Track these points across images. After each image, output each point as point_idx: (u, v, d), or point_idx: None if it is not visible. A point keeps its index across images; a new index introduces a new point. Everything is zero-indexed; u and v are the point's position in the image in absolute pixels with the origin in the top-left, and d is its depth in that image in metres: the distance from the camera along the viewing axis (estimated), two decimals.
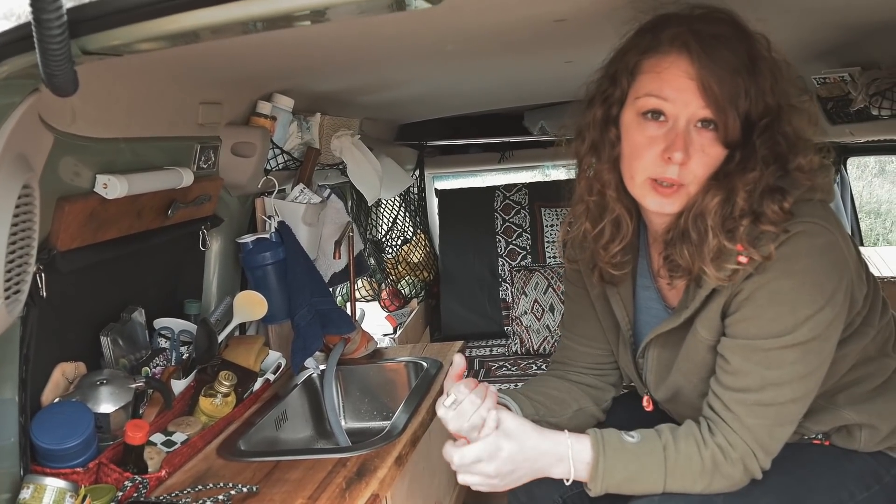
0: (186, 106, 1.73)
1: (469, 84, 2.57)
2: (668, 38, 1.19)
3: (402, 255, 3.64)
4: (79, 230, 1.45)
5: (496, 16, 1.40)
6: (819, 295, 1.20)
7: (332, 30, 1.40)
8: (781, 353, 1.21)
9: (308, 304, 2.10)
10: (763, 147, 1.19)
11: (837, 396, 1.34)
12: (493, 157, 3.90)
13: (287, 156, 2.19)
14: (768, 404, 1.23)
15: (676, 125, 1.19)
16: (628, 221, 1.33)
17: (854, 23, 1.82)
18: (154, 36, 0.94)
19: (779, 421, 1.25)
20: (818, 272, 1.20)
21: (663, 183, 1.21)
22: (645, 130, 1.22)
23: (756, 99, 1.17)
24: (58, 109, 1.31)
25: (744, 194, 1.18)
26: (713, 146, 1.19)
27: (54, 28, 0.83)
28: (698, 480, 1.25)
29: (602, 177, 1.31)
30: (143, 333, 1.79)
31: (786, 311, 1.20)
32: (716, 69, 1.15)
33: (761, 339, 1.21)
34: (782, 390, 1.23)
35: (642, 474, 1.25)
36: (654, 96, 1.20)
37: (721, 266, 1.20)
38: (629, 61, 1.25)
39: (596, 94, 1.30)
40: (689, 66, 1.17)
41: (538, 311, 3.41)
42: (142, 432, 1.47)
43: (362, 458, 1.56)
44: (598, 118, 1.29)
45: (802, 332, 1.20)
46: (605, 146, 1.29)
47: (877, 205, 9.39)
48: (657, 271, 1.38)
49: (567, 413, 1.48)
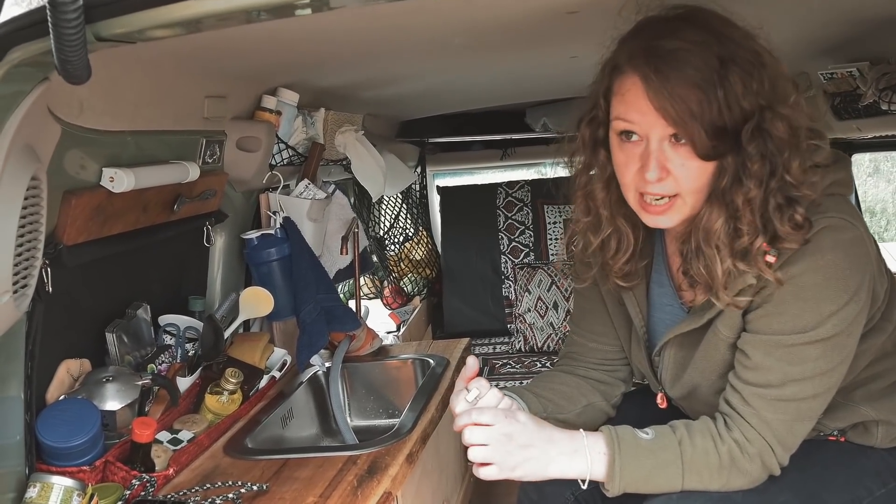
0: (192, 99, 1.71)
1: (472, 80, 2.56)
2: (626, 58, 1.18)
3: (404, 253, 3.62)
4: (85, 224, 1.43)
5: (508, 7, 1.38)
6: (843, 290, 1.19)
7: (341, 23, 1.38)
8: (805, 348, 1.20)
9: (313, 300, 2.08)
10: (755, 157, 1.15)
11: (854, 393, 1.33)
12: (495, 155, 3.88)
13: (292, 151, 2.17)
14: (789, 400, 1.22)
15: (649, 144, 1.18)
16: (629, 234, 1.32)
17: (862, 17, 1.81)
18: (167, 22, 0.92)
19: (799, 417, 1.24)
20: (843, 267, 1.18)
21: (652, 200, 1.21)
22: (624, 150, 1.21)
23: (727, 107, 1.13)
24: (65, 101, 1.29)
25: (748, 212, 1.16)
26: (691, 159, 1.16)
27: (70, 12, 0.81)
28: (716, 477, 1.24)
29: (596, 196, 1.31)
30: (149, 330, 1.77)
31: (810, 307, 1.19)
32: (672, 88, 1.12)
33: (784, 334, 1.20)
34: (804, 386, 1.21)
35: (659, 471, 1.24)
36: (622, 119, 1.20)
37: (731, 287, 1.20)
38: (604, 83, 1.25)
39: (584, 114, 1.30)
40: (645, 87, 1.15)
41: (542, 308, 3.39)
42: (149, 430, 1.45)
43: (373, 456, 1.54)
44: (587, 139, 1.30)
45: (826, 327, 1.18)
46: (596, 167, 1.30)
47: (872, 203, 9.43)
48: (675, 271, 1.37)
49: (576, 409, 1.47)
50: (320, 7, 0.96)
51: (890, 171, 9.81)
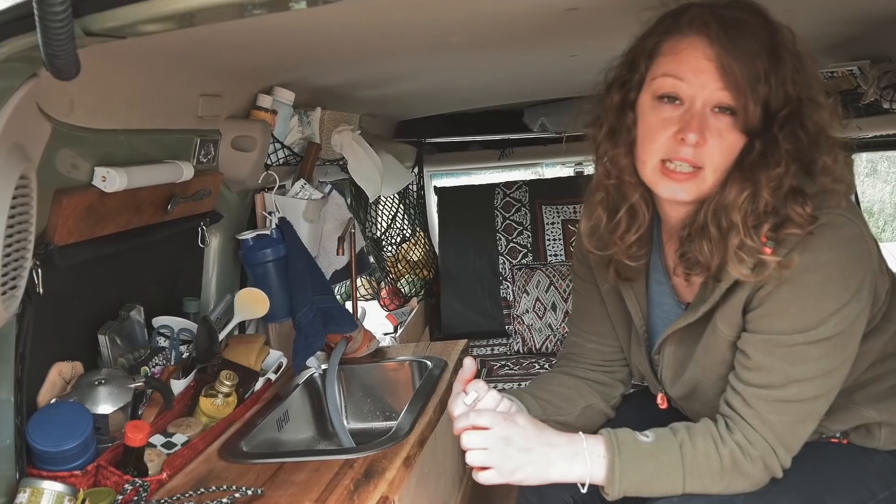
0: (186, 98, 1.69)
1: (470, 79, 2.54)
2: (688, 21, 1.17)
3: (401, 254, 3.60)
4: (76, 224, 1.40)
5: (508, 4, 1.36)
6: (845, 289, 1.17)
7: (337, 20, 1.36)
8: (806, 348, 1.18)
9: (310, 301, 2.06)
10: (786, 140, 1.15)
11: (856, 394, 1.32)
12: (493, 155, 3.86)
13: (287, 150, 2.15)
14: (791, 401, 1.20)
15: (692, 107, 1.17)
16: (644, 210, 1.30)
17: (863, 15, 1.80)
18: (158, 16, 0.90)
19: (801, 418, 1.22)
20: (844, 265, 1.17)
21: (677, 167, 1.18)
22: (660, 112, 1.19)
23: (776, 86, 1.14)
24: (56, 98, 1.26)
25: (769, 190, 1.15)
26: (731, 132, 1.16)
27: (57, 5, 0.78)
28: (717, 480, 1.22)
29: (619, 162, 1.28)
30: (142, 332, 1.75)
31: (811, 306, 1.17)
32: (735, 51, 1.13)
33: (785, 334, 1.18)
34: (806, 387, 1.19)
35: (660, 474, 1.22)
36: (670, 76, 1.18)
37: (744, 260, 1.17)
38: (648, 45, 1.23)
39: (615, 80, 1.28)
40: (707, 47, 1.15)
41: (540, 309, 3.37)
42: (142, 434, 1.43)
43: (369, 460, 1.52)
44: (615, 103, 1.27)
45: (828, 327, 1.17)
46: (621, 131, 1.27)
47: (869, 204, 9.47)
48: (672, 268, 1.35)
49: (575, 410, 1.45)
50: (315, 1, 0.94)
51: (887, 172, 9.85)
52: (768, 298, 1.19)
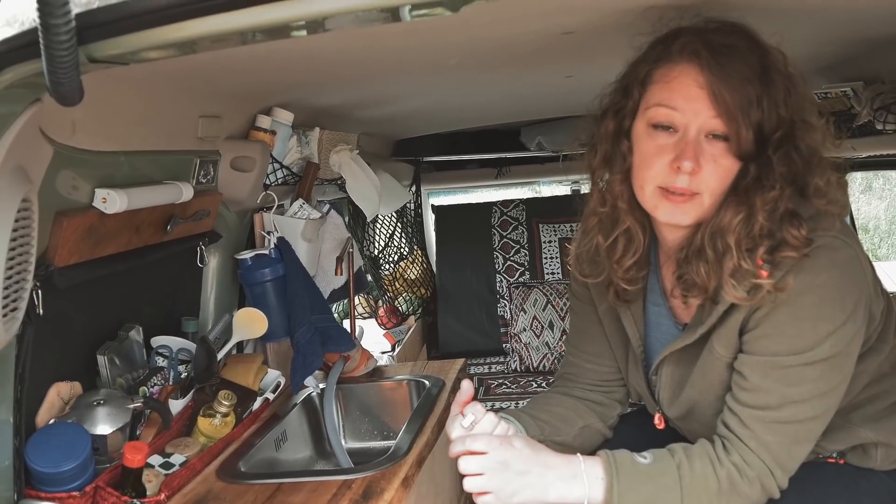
0: (186, 119, 1.70)
1: (467, 98, 2.56)
2: (679, 48, 1.19)
3: (398, 272, 3.60)
4: (77, 245, 1.41)
5: (505, 28, 1.38)
6: (840, 310, 1.18)
7: (336, 44, 1.37)
8: (802, 370, 1.19)
9: (308, 321, 2.06)
10: (780, 163, 1.17)
11: (853, 415, 1.32)
12: (490, 173, 3.88)
13: (286, 170, 2.16)
14: (787, 422, 1.21)
15: (686, 135, 1.18)
16: (640, 235, 1.32)
17: (857, 38, 1.82)
18: (160, 44, 0.91)
19: (797, 439, 1.23)
20: (839, 287, 1.18)
21: (675, 192, 1.20)
22: (655, 140, 1.20)
23: (768, 110, 1.15)
24: (58, 121, 1.27)
25: (764, 213, 1.16)
26: (725, 157, 1.18)
27: (62, 34, 0.80)
28: (715, 501, 1.22)
29: (614, 188, 1.30)
30: (141, 352, 1.75)
31: (807, 328, 1.18)
32: (726, 77, 1.14)
33: (782, 355, 1.19)
34: (802, 408, 1.20)
35: (658, 496, 1.22)
36: (663, 106, 1.19)
37: (740, 282, 1.18)
38: (640, 72, 1.24)
39: (609, 106, 1.29)
40: (699, 74, 1.16)
41: (537, 328, 3.38)
42: (141, 454, 1.43)
43: (367, 480, 1.52)
44: (610, 130, 1.28)
45: (824, 348, 1.18)
46: (617, 158, 1.28)
47: (864, 221, 9.49)
48: (670, 290, 1.36)
49: (573, 431, 1.46)
50: (315, 29, 0.96)
51: (882, 189, 9.88)
52: (765, 320, 1.20)
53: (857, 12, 1.53)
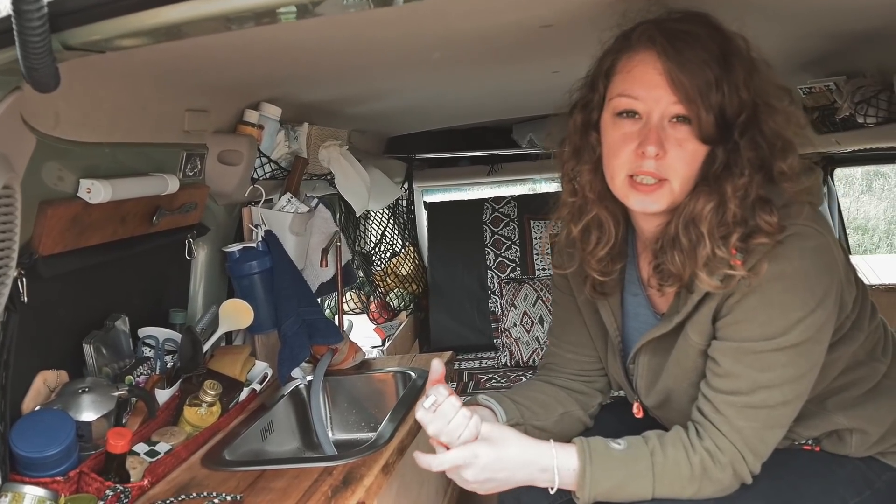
0: (172, 112, 1.72)
1: (457, 95, 2.58)
2: (637, 37, 1.21)
3: (390, 268, 3.62)
4: (61, 235, 1.43)
5: (482, 20, 1.40)
6: (810, 297, 1.20)
7: (318, 35, 1.40)
8: (773, 355, 1.20)
9: (295, 313, 2.08)
10: (747, 148, 1.19)
11: (827, 401, 1.34)
12: (483, 171, 3.90)
13: (274, 165, 2.18)
14: (759, 407, 1.22)
15: (650, 121, 1.20)
16: (611, 225, 1.34)
17: (838, 32, 1.83)
18: (136, 31, 0.93)
19: (769, 424, 1.24)
20: (810, 275, 1.20)
21: (643, 180, 1.22)
22: (620, 128, 1.23)
23: (729, 93, 1.17)
24: (41, 112, 1.30)
25: (735, 200, 1.18)
26: (690, 141, 1.19)
27: (34, 20, 0.82)
28: (687, 486, 1.24)
29: (582, 179, 1.32)
30: (127, 342, 1.77)
31: (777, 314, 1.19)
32: (684, 62, 1.16)
33: (752, 341, 1.21)
34: (773, 393, 1.22)
35: (630, 481, 1.24)
36: (625, 96, 1.22)
37: (714, 271, 1.20)
38: (604, 64, 1.27)
39: (577, 101, 1.32)
40: (657, 61, 1.18)
41: (527, 323, 3.40)
42: (124, 440, 1.45)
43: (348, 467, 1.54)
44: (578, 124, 1.31)
45: (794, 334, 1.19)
46: (586, 150, 1.31)
47: (864, 220, 9.49)
48: (647, 280, 1.38)
49: (553, 417, 1.47)
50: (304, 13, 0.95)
51: (882, 189, 9.88)
52: (736, 307, 1.22)
53: (833, 6, 1.55)
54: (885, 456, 1.36)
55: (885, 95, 1.98)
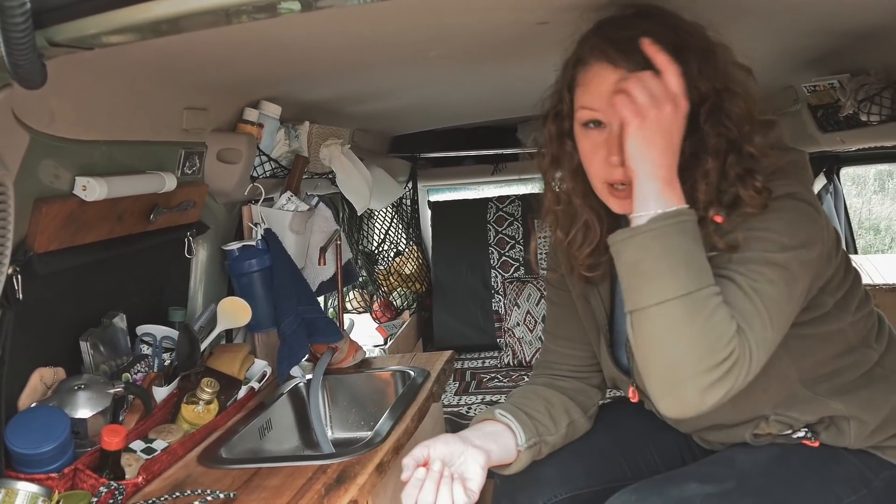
0: (170, 110, 1.72)
1: (459, 94, 2.57)
2: (589, 49, 1.24)
3: (394, 267, 3.62)
4: (56, 232, 1.43)
5: (475, 16, 1.40)
6: (797, 233, 1.19)
7: (314, 32, 1.39)
8: (764, 267, 1.16)
9: (294, 312, 2.08)
10: (712, 135, 1.19)
11: (819, 387, 1.32)
12: (487, 170, 3.90)
13: (275, 163, 2.19)
14: (753, 315, 1.14)
15: (612, 130, 1.21)
16: (597, 226, 1.35)
17: (842, 29, 1.82)
18: (122, 27, 0.93)
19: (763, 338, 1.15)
20: (799, 222, 1.20)
21: (618, 186, 1.23)
22: (589, 138, 1.25)
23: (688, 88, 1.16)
24: (35, 109, 1.30)
25: (704, 185, 1.19)
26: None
27: (17, 16, 0.82)
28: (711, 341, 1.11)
29: (566, 185, 1.35)
30: (125, 339, 1.77)
31: (767, 236, 1.18)
32: (635, 69, 1.16)
33: (747, 251, 1.18)
34: (764, 302, 1.16)
35: (688, 263, 1.12)
36: (586, 108, 1.24)
37: None
38: (567, 76, 1.29)
39: (549, 110, 1.35)
40: (610, 72, 1.20)
41: (531, 322, 3.39)
42: (118, 437, 1.45)
43: (343, 465, 1.53)
44: (553, 133, 1.33)
45: (783, 256, 1.17)
46: (564, 158, 1.33)
47: (876, 221, 9.40)
48: None
49: (561, 430, 1.46)
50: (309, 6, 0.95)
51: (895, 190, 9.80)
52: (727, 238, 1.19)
53: (837, 2, 1.54)
54: (883, 451, 1.34)
55: (889, 93, 1.96)
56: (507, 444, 1.36)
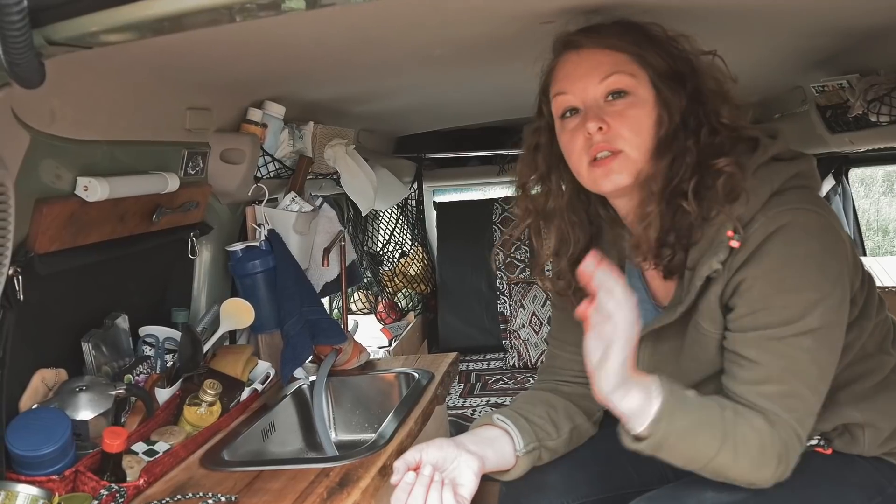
0: (173, 110, 1.71)
1: (463, 94, 2.55)
2: (561, 44, 1.31)
3: (399, 268, 3.61)
4: (58, 233, 1.43)
5: (478, 16, 1.38)
6: (823, 279, 1.17)
7: (319, 32, 1.38)
8: (797, 340, 1.16)
9: (298, 313, 2.07)
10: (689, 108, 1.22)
11: (838, 394, 1.30)
12: (493, 171, 3.88)
13: (279, 164, 2.17)
14: (791, 396, 1.17)
15: (587, 109, 1.25)
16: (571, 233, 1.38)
17: (850, 29, 1.80)
18: (121, 25, 0.92)
19: (807, 412, 1.18)
20: (819, 254, 1.18)
21: (600, 156, 1.24)
22: (567, 126, 1.28)
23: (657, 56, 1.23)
24: (35, 109, 1.29)
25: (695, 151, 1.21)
26: (630, 109, 1.23)
27: (13, 14, 0.81)
28: (756, 456, 1.16)
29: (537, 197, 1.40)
30: (127, 340, 1.76)
31: (794, 299, 1.16)
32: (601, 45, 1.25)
33: (774, 328, 1.17)
34: (802, 379, 1.17)
35: (700, 427, 1.15)
36: (560, 94, 1.29)
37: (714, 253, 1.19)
38: (543, 84, 1.36)
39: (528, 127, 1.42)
40: (577, 55, 1.27)
41: (536, 324, 3.37)
42: (119, 439, 1.44)
43: (346, 468, 1.52)
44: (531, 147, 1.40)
45: (814, 317, 1.16)
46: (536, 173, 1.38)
47: (885, 223, 9.35)
48: (644, 273, 1.36)
49: (563, 435, 1.45)
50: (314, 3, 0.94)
51: None
52: (750, 294, 1.18)
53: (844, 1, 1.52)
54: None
55: None
56: (505, 449, 1.34)
